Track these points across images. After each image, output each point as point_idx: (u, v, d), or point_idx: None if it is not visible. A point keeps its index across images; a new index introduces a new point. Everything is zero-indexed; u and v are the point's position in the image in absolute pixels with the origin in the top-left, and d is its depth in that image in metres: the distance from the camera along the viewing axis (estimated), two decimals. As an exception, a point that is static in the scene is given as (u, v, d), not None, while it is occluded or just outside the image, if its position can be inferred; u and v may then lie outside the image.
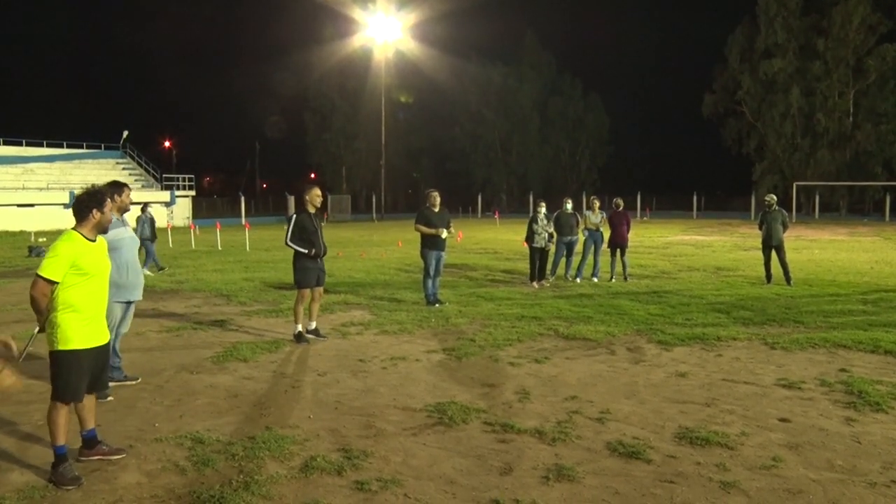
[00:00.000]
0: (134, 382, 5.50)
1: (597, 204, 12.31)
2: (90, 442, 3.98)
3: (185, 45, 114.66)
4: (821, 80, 45.31)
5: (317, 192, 7.12)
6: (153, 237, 14.06)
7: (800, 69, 45.88)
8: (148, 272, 13.06)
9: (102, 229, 3.91)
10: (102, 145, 43.25)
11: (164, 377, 5.70)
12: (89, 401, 3.98)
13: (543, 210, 11.19)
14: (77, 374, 3.71)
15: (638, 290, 10.65)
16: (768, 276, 11.23)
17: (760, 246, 11.59)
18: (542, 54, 63.91)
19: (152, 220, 14.31)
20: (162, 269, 13.84)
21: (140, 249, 13.93)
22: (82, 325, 3.70)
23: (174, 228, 28.98)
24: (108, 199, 3.90)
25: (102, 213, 3.84)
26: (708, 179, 60.70)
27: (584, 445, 4.12)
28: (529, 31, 64.46)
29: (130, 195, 5.44)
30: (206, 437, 4.24)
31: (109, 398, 5.05)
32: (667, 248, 18.72)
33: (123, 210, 5.33)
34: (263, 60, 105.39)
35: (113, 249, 4.89)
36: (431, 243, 9.14)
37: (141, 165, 42.67)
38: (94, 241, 3.83)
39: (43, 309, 3.66)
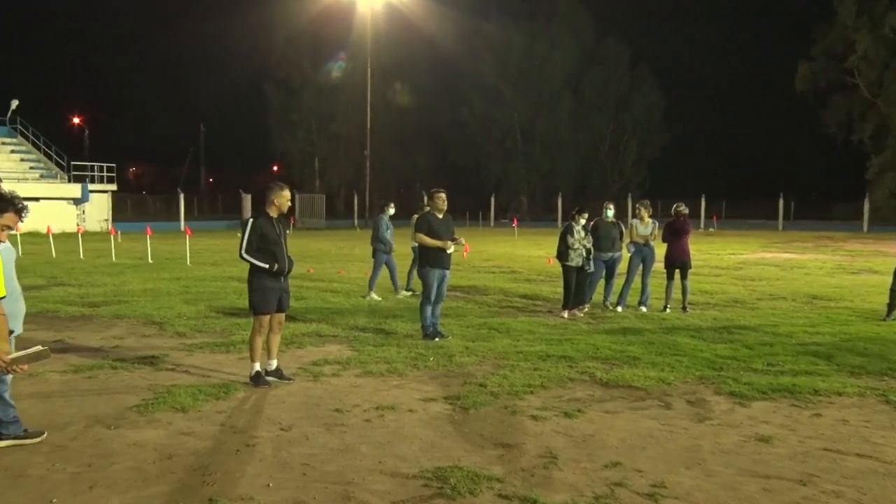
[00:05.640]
0: (38, 440, 5.45)
1: (646, 211, 12.31)
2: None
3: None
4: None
5: (287, 194, 7.19)
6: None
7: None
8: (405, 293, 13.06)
9: None
10: (-19, 117, 42.34)
11: (68, 434, 5.65)
12: None
13: (583, 221, 11.24)
14: None
15: (701, 323, 10.64)
16: (890, 309, 10.96)
17: (893, 270, 10.90)
18: (579, 12, 64.11)
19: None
20: (409, 290, 13.45)
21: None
22: None
23: (86, 234, 29.03)
24: None
25: None
26: (800, 178, 60.23)
27: (631, 527, 4.10)
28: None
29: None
30: (130, 510, 4.23)
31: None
32: (741, 269, 18.74)
33: None
34: (212, 16, 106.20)
35: None
36: (434, 259, 9.18)
37: (38, 148, 41.99)
38: None
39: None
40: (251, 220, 7.08)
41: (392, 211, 13.22)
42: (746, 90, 79.62)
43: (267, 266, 6.97)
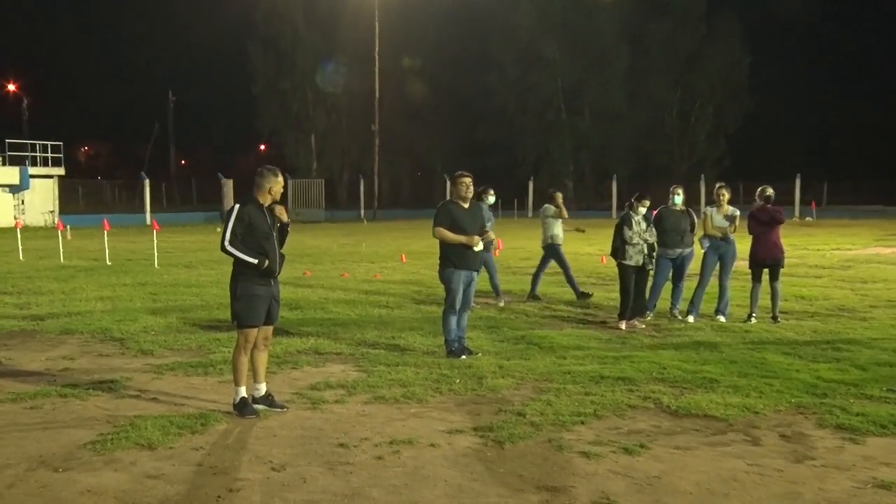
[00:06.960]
0: None
1: (725, 196, 12.23)
2: None
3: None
4: None
5: (280, 180, 7.25)
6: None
7: None
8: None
9: None
10: None
11: (4, 479, 5.66)
12: None
13: (644, 210, 11.19)
14: None
15: (797, 337, 10.57)
16: None
17: None
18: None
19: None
20: (586, 294, 14.01)
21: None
22: None
23: (27, 229, 29.28)
24: None
25: None
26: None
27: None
28: None
29: None
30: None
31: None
32: (848, 269, 18.61)
33: None
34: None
35: None
36: (459, 258, 9.22)
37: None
38: None
39: None
40: (237, 206, 7.11)
41: (492, 199, 13.19)
42: (856, 40, 78.01)
43: (255, 261, 6.98)
